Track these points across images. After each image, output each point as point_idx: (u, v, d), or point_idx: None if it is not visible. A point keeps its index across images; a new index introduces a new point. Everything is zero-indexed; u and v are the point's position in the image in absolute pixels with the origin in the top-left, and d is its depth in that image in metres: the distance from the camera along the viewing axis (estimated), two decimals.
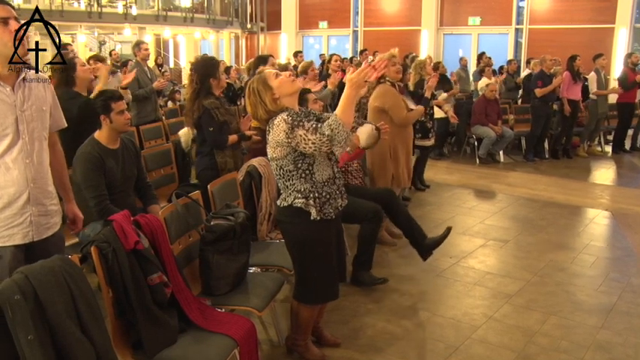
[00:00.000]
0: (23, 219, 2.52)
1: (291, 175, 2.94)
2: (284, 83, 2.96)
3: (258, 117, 2.99)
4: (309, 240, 3.02)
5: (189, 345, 2.64)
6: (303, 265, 3.10)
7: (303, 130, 2.78)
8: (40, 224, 2.58)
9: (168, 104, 9.90)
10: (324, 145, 2.77)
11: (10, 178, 2.47)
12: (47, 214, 2.62)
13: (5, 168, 2.46)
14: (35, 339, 1.98)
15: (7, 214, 2.48)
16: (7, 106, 2.44)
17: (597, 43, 13.40)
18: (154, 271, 2.64)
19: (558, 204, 6.82)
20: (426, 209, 6.59)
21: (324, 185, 2.96)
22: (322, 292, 3.15)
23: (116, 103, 3.65)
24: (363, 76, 2.74)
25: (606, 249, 5.37)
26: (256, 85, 2.97)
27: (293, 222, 3.01)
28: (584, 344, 3.60)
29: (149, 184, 4.06)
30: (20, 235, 2.53)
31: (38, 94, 2.57)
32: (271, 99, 2.92)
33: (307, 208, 2.93)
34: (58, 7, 14.58)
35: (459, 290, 4.39)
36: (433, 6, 16.34)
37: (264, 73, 3.03)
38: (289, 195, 2.98)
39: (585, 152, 9.88)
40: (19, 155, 2.48)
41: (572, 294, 4.34)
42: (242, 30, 19.92)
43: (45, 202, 2.61)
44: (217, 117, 4.29)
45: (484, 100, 8.97)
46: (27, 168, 2.50)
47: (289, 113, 2.87)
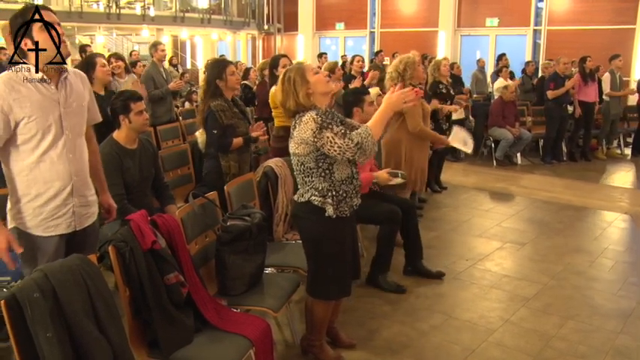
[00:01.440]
0: (67, 209, 2.67)
1: (311, 173, 2.95)
2: (320, 81, 2.98)
3: (286, 107, 2.99)
4: (323, 237, 3.03)
5: (205, 345, 2.65)
6: (317, 261, 3.12)
7: (332, 133, 2.80)
8: (81, 214, 2.74)
9: (185, 105, 9.94)
10: (349, 151, 2.79)
11: (55, 172, 2.61)
12: (87, 205, 2.78)
13: (51, 162, 2.60)
14: (53, 336, 2.01)
15: (52, 206, 2.63)
16: (53, 103, 2.58)
17: (617, 44, 13.23)
18: (170, 271, 2.65)
19: (576, 207, 6.75)
20: (443, 211, 6.56)
21: (342, 184, 2.97)
22: (335, 287, 3.15)
23: (135, 103, 3.68)
24: (402, 98, 2.75)
25: (625, 253, 5.30)
26: (294, 75, 2.96)
27: (309, 218, 3.02)
28: (602, 349, 3.55)
29: (166, 184, 4.09)
30: (64, 225, 2.68)
31: (78, 90, 2.71)
32: (305, 93, 2.92)
33: (324, 205, 2.95)
34: (77, 9, 14.75)
35: (475, 293, 4.37)
36: (450, 7, 16.27)
37: (304, 66, 3.05)
38: (307, 191, 3.00)
39: (604, 155, 9.78)
40: (63, 150, 2.62)
41: (590, 298, 4.30)
42: (259, 31, 19.99)
43: (86, 193, 2.76)
44: (222, 120, 4.22)
45: (501, 102, 8.91)
46: (70, 162, 2.65)
47: (318, 113, 2.88)
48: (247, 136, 4.43)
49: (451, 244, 5.45)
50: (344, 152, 2.80)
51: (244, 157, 4.48)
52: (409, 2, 17.32)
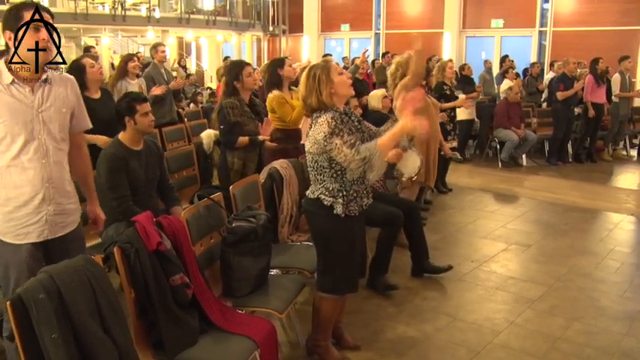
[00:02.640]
0: (39, 218, 2.57)
1: (324, 172, 2.97)
2: (343, 83, 3.00)
3: (307, 102, 3.00)
4: (333, 234, 3.06)
5: (210, 346, 2.65)
6: (326, 257, 3.14)
7: (341, 141, 2.83)
8: (55, 223, 2.62)
9: (190, 106, 9.95)
10: (353, 163, 2.81)
11: (25, 178, 2.52)
12: (64, 213, 2.66)
13: (21, 168, 2.52)
14: (59, 337, 2.01)
15: (23, 213, 2.54)
16: (24, 107, 2.49)
17: (623, 46, 13.17)
18: (175, 272, 2.66)
19: (581, 208, 6.73)
20: (448, 212, 6.55)
21: (353, 184, 2.99)
22: (343, 282, 3.17)
23: (141, 105, 3.69)
24: (417, 127, 2.78)
25: (632, 255, 5.28)
26: (320, 72, 2.96)
27: (319, 213, 3.05)
28: (608, 351, 3.54)
29: (171, 185, 4.09)
30: (35, 234, 2.58)
31: (59, 95, 2.61)
32: (328, 92, 2.94)
33: (333, 204, 2.98)
34: (83, 11, 14.76)
35: (480, 295, 4.36)
36: (456, 8, 16.23)
37: (331, 64, 3.05)
38: (318, 189, 3.03)
39: (610, 156, 9.75)
40: (35, 155, 2.52)
41: (596, 300, 4.28)
42: (264, 33, 19.99)
43: (62, 202, 2.64)
44: (229, 116, 4.40)
45: (506, 103, 8.89)
46: (43, 168, 2.55)
47: (334, 117, 2.90)
48: (254, 137, 4.55)
49: (456, 246, 5.44)
50: (349, 162, 2.82)
51: (250, 155, 4.60)
52: (414, 3, 17.30)
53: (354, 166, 2.83)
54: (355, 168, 2.84)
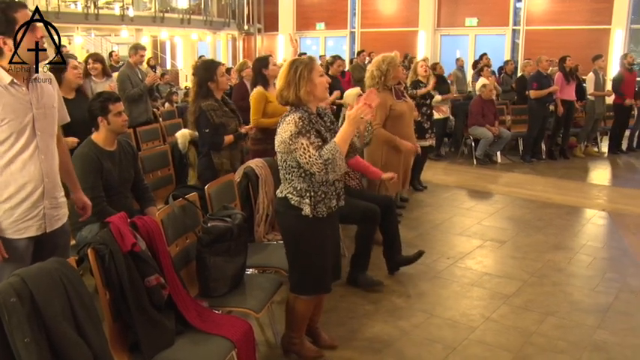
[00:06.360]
0: (37, 212, 2.66)
1: (292, 171, 2.97)
2: (322, 86, 2.99)
3: (283, 95, 2.98)
4: (301, 234, 3.05)
5: (187, 347, 2.64)
6: (295, 257, 3.14)
7: (308, 142, 2.84)
8: (52, 216, 2.72)
9: (165, 106, 9.87)
10: (315, 165, 2.82)
11: (27, 173, 2.60)
12: (57, 206, 2.77)
13: (23, 164, 2.59)
14: (32, 342, 1.98)
15: (23, 208, 2.61)
16: (25, 105, 2.57)
17: (594, 44, 13.42)
18: (151, 273, 2.63)
19: (555, 204, 6.83)
20: (424, 210, 6.59)
21: (322, 185, 2.99)
22: (314, 283, 3.16)
23: (114, 104, 3.65)
24: (359, 114, 2.78)
25: (603, 249, 5.38)
26: (302, 68, 2.94)
27: (287, 213, 3.05)
28: (581, 344, 3.60)
29: (146, 185, 4.05)
30: (35, 228, 2.66)
31: (49, 92, 2.70)
32: (306, 90, 2.92)
33: (300, 205, 2.97)
34: (55, 9, 14.52)
35: (456, 291, 4.39)
36: (430, 7, 16.36)
37: (315, 64, 3.01)
38: (286, 188, 3.03)
39: (582, 153, 9.90)
40: (35, 151, 2.61)
41: (569, 294, 4.35)
42: (239, 31, 19.89)
43: (56, 195, 2.75)
44: (213, 119, 4.36)
45: (480, 101, 8.98)
46: (42, 164, 2.64)
47: (302, 117, 2.89)
48: (238, 133, 4.58)
49: (432, 243, 5.47)
50: (312, 164, 2.82)
51: (235, 153, 4.61)
52: (389, 2, 17.38)
53: (315, 169, 2.83)
54: (317, 171, 2.84)
